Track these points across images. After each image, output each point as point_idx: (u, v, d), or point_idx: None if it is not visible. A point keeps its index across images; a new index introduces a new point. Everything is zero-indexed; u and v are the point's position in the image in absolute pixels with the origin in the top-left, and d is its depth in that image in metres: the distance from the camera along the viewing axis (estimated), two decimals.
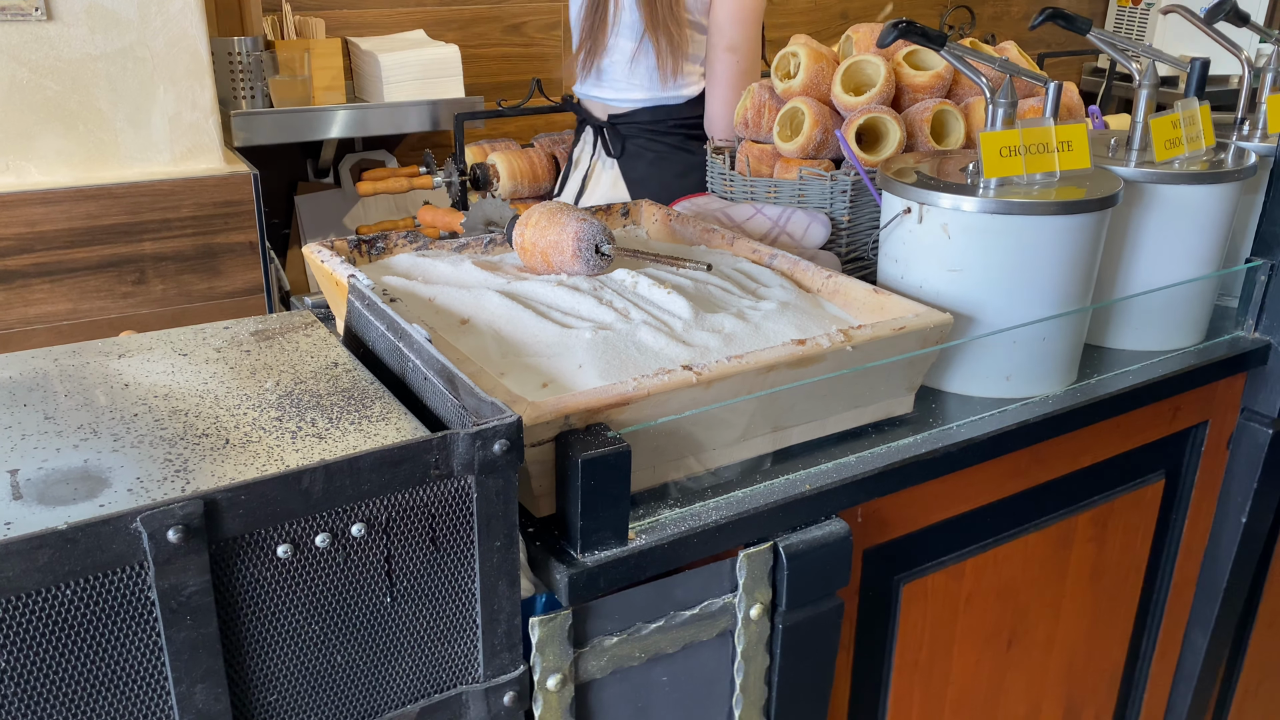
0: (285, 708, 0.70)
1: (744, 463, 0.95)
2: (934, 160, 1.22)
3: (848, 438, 1.00)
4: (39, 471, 0.71)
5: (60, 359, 0.91)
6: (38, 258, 1.71)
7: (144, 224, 1.78)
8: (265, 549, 0.66)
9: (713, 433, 0.90)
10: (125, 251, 1.78)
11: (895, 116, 1.35)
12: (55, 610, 0.60)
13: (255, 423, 0.79)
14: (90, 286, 1.77)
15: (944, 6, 3.46)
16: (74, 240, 1.73)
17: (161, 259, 1.81)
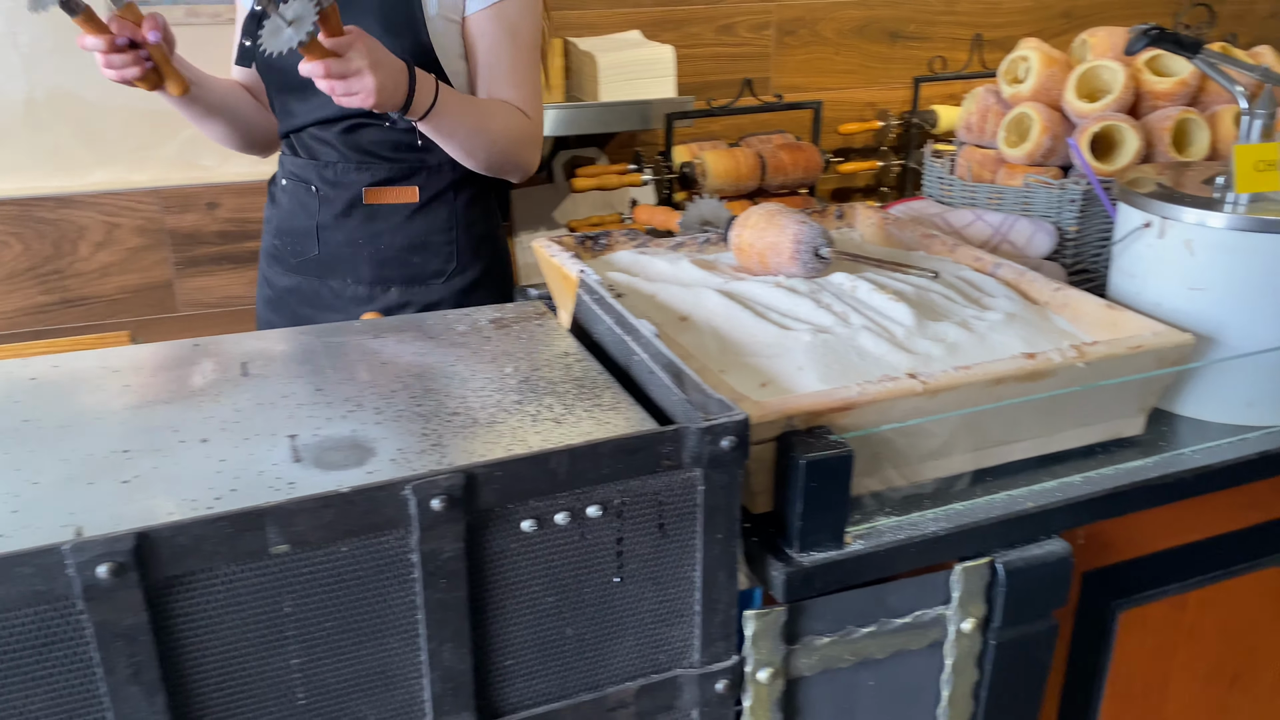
0: (520, 672, 0.75)
1: (963, 475, 0.94)
2: (1174, 172, 1.16)
3: (1072, 456, 0.97)
4: (314, 438, 0.79)
5: (324, 336, 1.00)
6: None
7: None
8: (512, 522, 0.71)
9: (932, 443, 0.90)
10: None
11: (1133, 124, 1.29)
12: (332, 564, 0.67)
13: (499, 405, 0.85)
14: None
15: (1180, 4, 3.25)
16: None
17: None
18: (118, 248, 1.76)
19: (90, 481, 0.72)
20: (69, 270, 1.75)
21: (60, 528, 0.66)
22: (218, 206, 1.79)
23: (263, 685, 0.67)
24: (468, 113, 1.36)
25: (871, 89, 2.95)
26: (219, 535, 0.62)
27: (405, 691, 0.71)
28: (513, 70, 1.42)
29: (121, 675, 0.62)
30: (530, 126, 1.46)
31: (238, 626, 0.65)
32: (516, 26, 1.41)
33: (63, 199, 1.71)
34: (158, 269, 1.79)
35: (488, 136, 1.38)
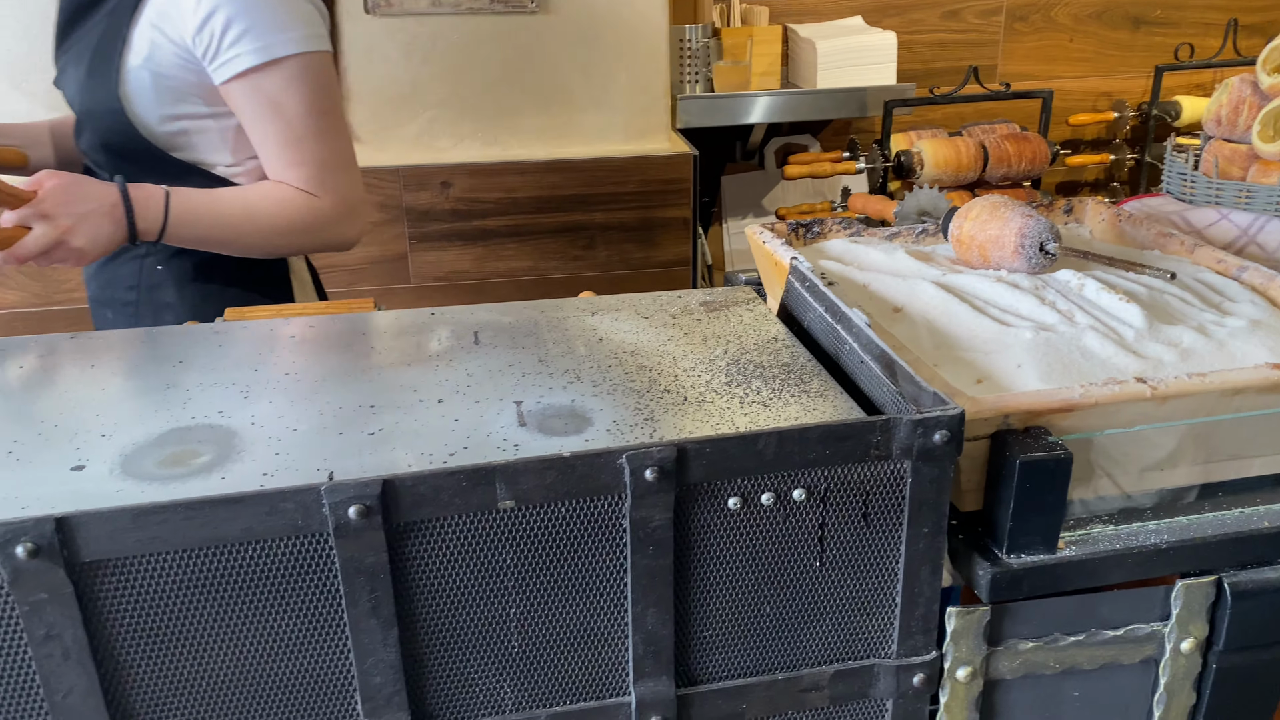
0: (717, 644, 0.77)
1: (1190, 488, 0.89)
2: None
3: None
4: (537, 405, 0.84)
5: (546, 311, 1.06)
6: (510, 220, 1.97)
7: (597, 196, 1.98)
8: (718, 499, 0.73)
9: (1158, 452, 0.86)
10: (579, 219, 2.00)
11: None
12: (551, 522, 0.71)
13: (708, 385, 0.87)
14: (548, 248, 2.01)
15: None
16: (540, 207, 1.97)
17: (608, 228, 2.01)
18: None
19: (340, 431, 0.80)
20: None
21: (315, 471, 0.74)
22: (451, 186, 1.91)
23: (482, 629, 0.73)
24: (217, 216, 1.23)
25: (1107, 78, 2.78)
26: (454, 487, 0.67)
27: (609, 650, 0.75)
28: (283, 148, 1.24)
29: (362, 608, 0.69)
30: (317, 207, 1.27)
31: (464, 573, 0.71)
32: (279, 99, 1.23)
33: None
34: (395, 242, 1.93)
35: (253, 233, 1.25)
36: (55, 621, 0.65)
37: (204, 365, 0.92)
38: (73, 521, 0.63)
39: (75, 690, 0.67)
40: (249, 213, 1.25)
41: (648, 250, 2.03)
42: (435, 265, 1.96)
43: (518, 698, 0.75)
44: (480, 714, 0.75)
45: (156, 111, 1.25)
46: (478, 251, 1.96)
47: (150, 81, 1.24)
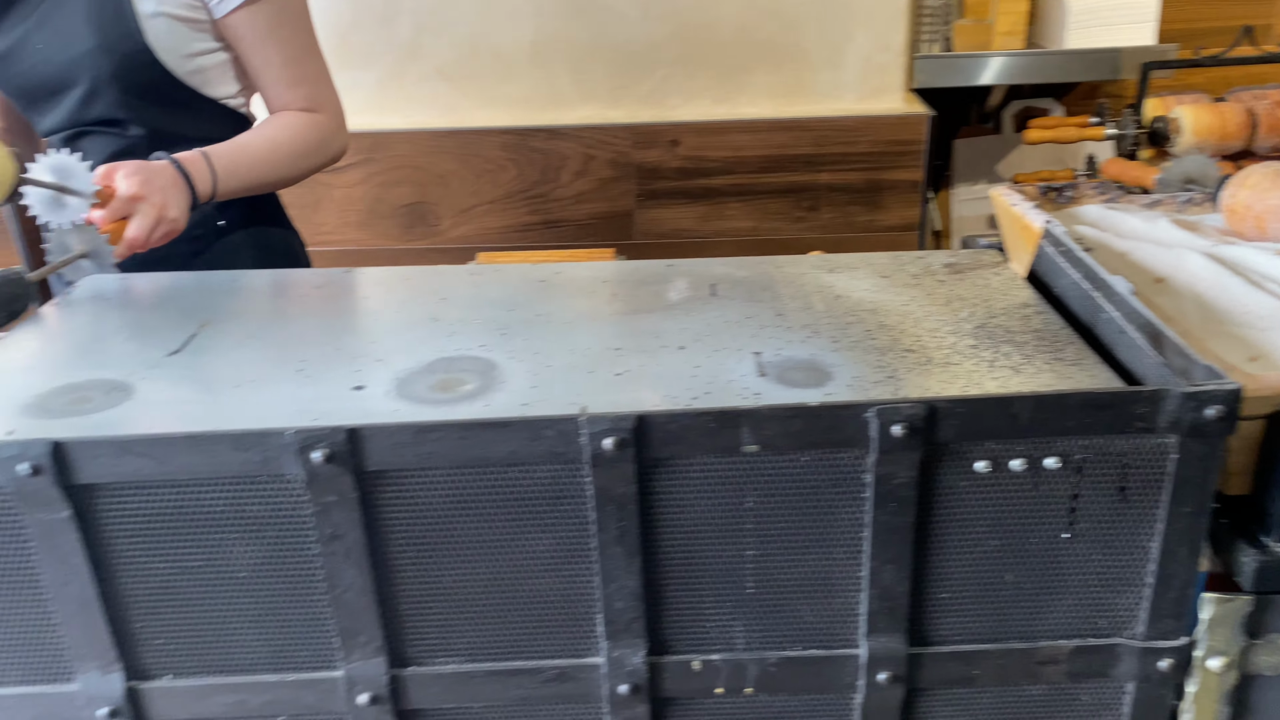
0: (953, 607, 0.76)
1: None
2: None
3: None
4: (776, 356, 0.85)
5: (783, 266, 1.06)
6: (735, 179, 1.98)
7: (824, 156, 1.96)
8: (966, 461, 0.72)
9: None
10: (804, 180, 1.98)
11: None
12: (793, 471, 0.72)
13: (954, 347, 0.85)
14: (771, 209, 2.01)
15: None
16: (765, 166, 1.97)
17: (833, 189, 1.98)
18: (592, 178, 1.97)
19: (590, 370, 0.83)
20: (551, 195, 1.99)
21: (568, 404, 0.78)
22: (679, 144, 1.93)
23: (718, 568, 0.75)
24: (251, 159, 1.33)
25: None
26: (702, 428, 0.69)
27: (842, 601, 0.76)
28: (284, 68, 1.37)
29: (610, 535, 0.72)
30: (321, 123, 1.40)
31: (705, 512, 0.73)
32: (276, 24, 1.35)
33: (552, 131, 1.94)
34: (622, 199, 1.98)
35: (283, 165, 1.36)
36: (340, 523, 0.71)
37: (463, 303, 0.98)
38: (363, 433, 0.69)
39: (353, 587, 0.74)
40: (274, 147, 1.37)
41: (873, 213, 1.99)
42: (659, 222, 1.99)
43: (749, 638, 0.77)
44: (712, 649, 0.77)
45: (178, 52, 1.35)
46: (701, 210, 1.98)
47: (166, 26, 1.32)
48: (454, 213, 2.00)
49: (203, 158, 1.29)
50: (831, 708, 0.79)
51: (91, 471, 0.69)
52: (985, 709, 0.80)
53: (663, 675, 0.77)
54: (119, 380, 0.83)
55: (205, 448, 0.69)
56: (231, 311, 0.98)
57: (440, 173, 1.97)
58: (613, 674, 0.76)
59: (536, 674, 0.77)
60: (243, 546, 0.72)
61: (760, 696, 0.78)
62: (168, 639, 0.76)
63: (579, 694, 0.77)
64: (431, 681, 0.77)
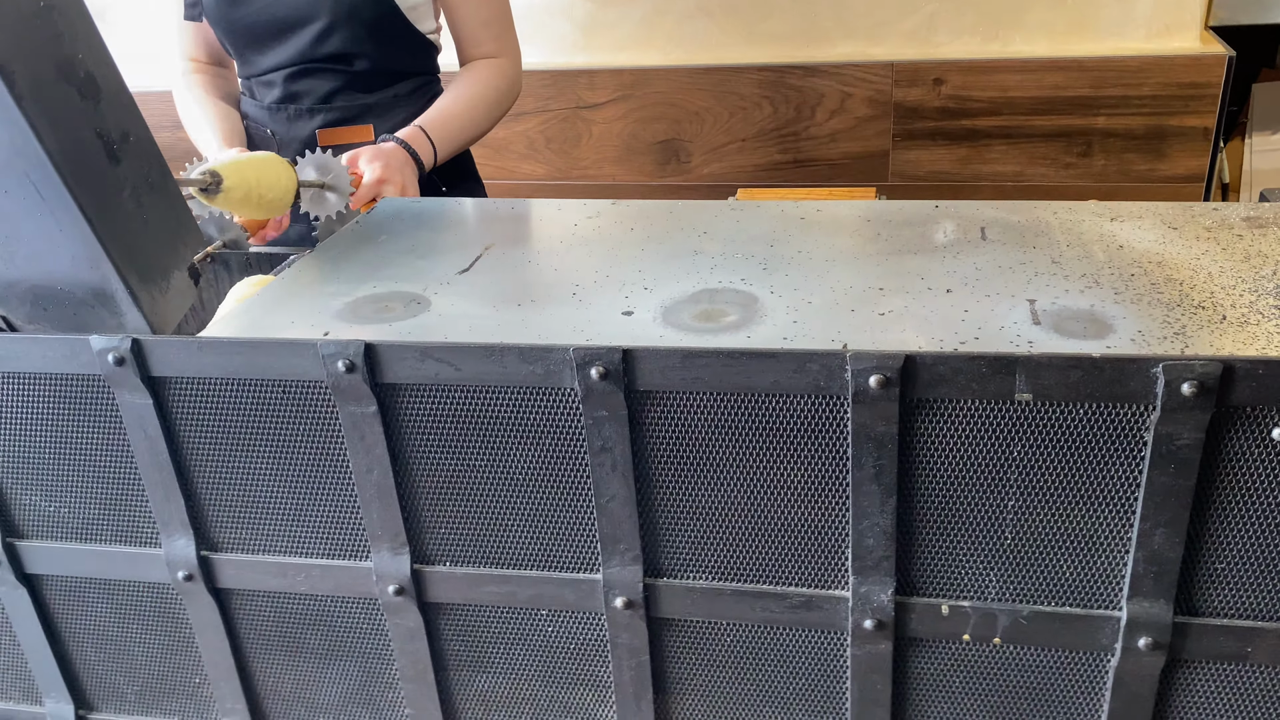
0: (1229, 579, 0.72)
1: None
2: None
3: None
4: (1052, 305, 0.82)
5: (1059, 212, 1.01)
6: (1001, 121, 1.89)
7: (1103, 99, 1.83)
8: (1261, 426, 0.67)
9: None
10: (1078, 124, 1.86)
11: None
12: (1066, 423, 0.70)
13: (1252, 305, 0.79)
14: (1038, 153, 1.90)
15: None
16: (1035, 108, 1.86)
17: (1110, 135, 1.85)
18: (847, 116, 1.93)
19: (852, 309, 0.83)
20: (804, 134, 1.97)
21: (830, 341, 0.79)
22: (943, 83, 1.86)
23: (978, 516, 0.74)
24: (461, 126, 1.43)
25: None
26: (973, 371, 0.68)
27: (1107, 562, 0.73)
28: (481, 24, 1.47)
29: (866, 472, 0.73)
30: (505, 69, 1.49)
31: (969, 457, 0.72)
32: None
33: (809, 68, 1.91)
34: (878, 139, 1.93)
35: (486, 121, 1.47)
36: (610, 437, 0.76)
37: (725, 237, 1.00)
38: (635, 354, 0.73)
39: (617, 498, 0.78)
40: (473, 105, 1.46)
41: (1153, 162, 1.84)
42: (915, 164, 1.93)
43: (1001, 588, 0.76)
44: (962, 595, 0.77)
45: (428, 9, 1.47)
46: (962, 152, 1.90)
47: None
48: (706, 150, 2.02)
49: (421, 132, 1.39)
50: (1084, 668, 0.77)
51: (396, 372, 0.77)
52: (1257, 690, 0.75)
53: (909, 615, 0.77)
54: (417, 293, 0.91)
55: (496, 358, 0.74)
56: (512, 237, 1.04)
57: (695, 110, 1.99)
58: (858, 608, 0.77)
59: (783, 599, 0.79)
60: (522, 451, 0.78)
61: (1009, 648, 0.77)
62: (450, 529, 0.84)
63: (823, 623, 0.79)
64: (683, 593, 0.81)
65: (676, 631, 0.83)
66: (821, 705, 0.83)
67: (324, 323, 0.87)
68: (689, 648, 0.84)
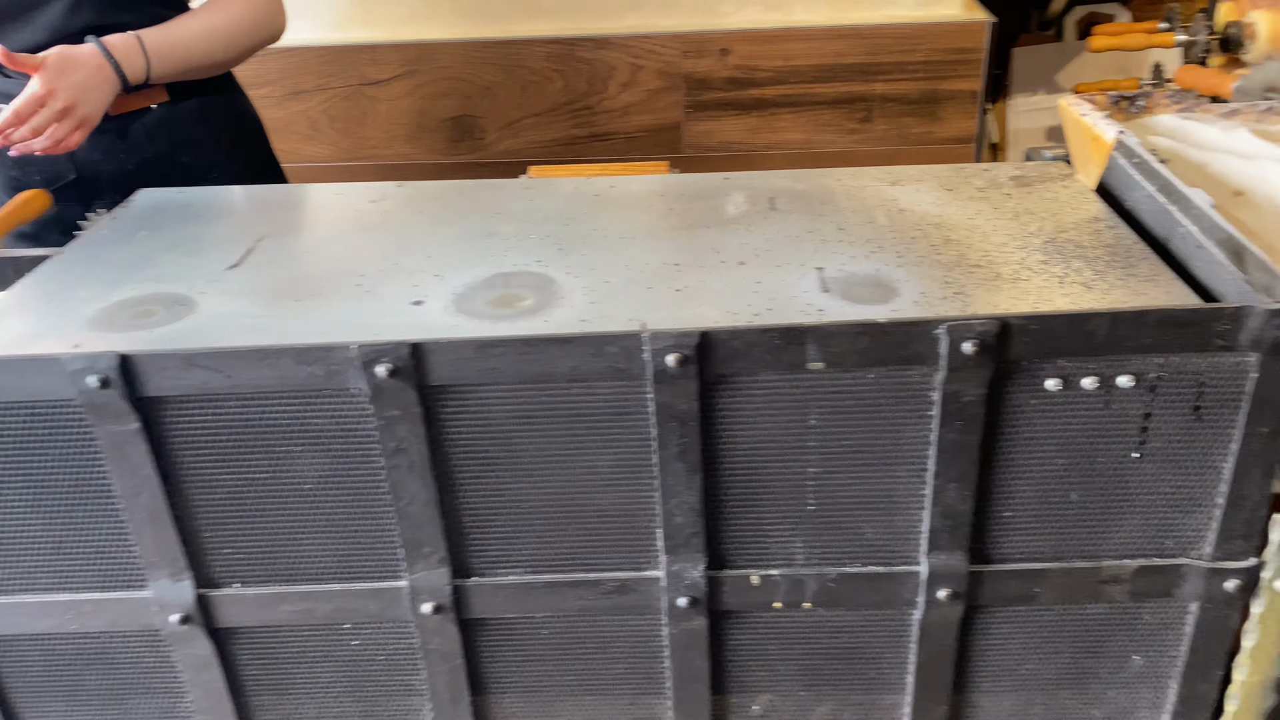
0: (1016, 525, 0.76)
1: None
2: None
3: None
4: (839, 272, 0.83)
5: (843, 179, 1.03)
6: (787, 90, 1.93)
7: (880, 65, 1.90)
8: (1036, 378, 0.71)
9: None
10: (859, 90, 1.92)
11: None
12: (859, 388, 0.71)
13: (1023, 262, 0.83)
14: (824, 120, 1.95)
15: None
16: (819, 76, 1.91)
17: (888, 100, 1.92)
18: (639, 89, 1.92)
19: (649, 286, 0.82)
20: (598, 107, 1.95)
21: (628, 320, 0.77)
22: (730, 53, 1.88)
23: (781, 485, 0.74)
24: (190, 45, 1.31)
25: None
26: (767, 344, 0.68)
27: (905, 519, 0.75)
28: None
29: (671, 450, 0.72)
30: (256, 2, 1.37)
31: (768, 429, 0.72)
32: None
33: (599, 40, 1.89)
34: (670, 111, 1.93)
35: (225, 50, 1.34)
36: (405, 437, 0.72)
37: (519, 217, 0.96)
38: (426, 348, 0.69)
39: (417, 500, 0.74)
40: (210, 28, 1.35)
41: (929, 125, 1.93)
42: (708, 135, 1.95)
43: (809, 554, 0.77)
44: (771, 564, 0.77)
45: None
46: (752, 122, 1.94)
47: None
48: (500, 125, 1.96)
49: (135, 40, 1.27)
50: (891, 624, 0.80)
51: (159, 384, 0.70)
52: (1046, 628, 0.80)
53: (721, 589, 0.77)
54: (181, 294, 0.83)
55: (270, 361, 0.69)
56: (288, 226, 0.97)
57: (485, 84, 1.93)
58: (671, 587, 0.77)
59: (597, 586, 0.78)
60: (308, 459, 0.73)
61: (819, 611, 0.79)
62: (236, 548, 0.77)
63: (638, 605, 0.78)
64: (494, 592, 0.78)
65: (491, 631, 0.80)
66: (642, 687, 0.82)
67: (74, 333, 0.78)
68: (505, 645, 0.81)
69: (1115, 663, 0.81)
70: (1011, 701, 0.84)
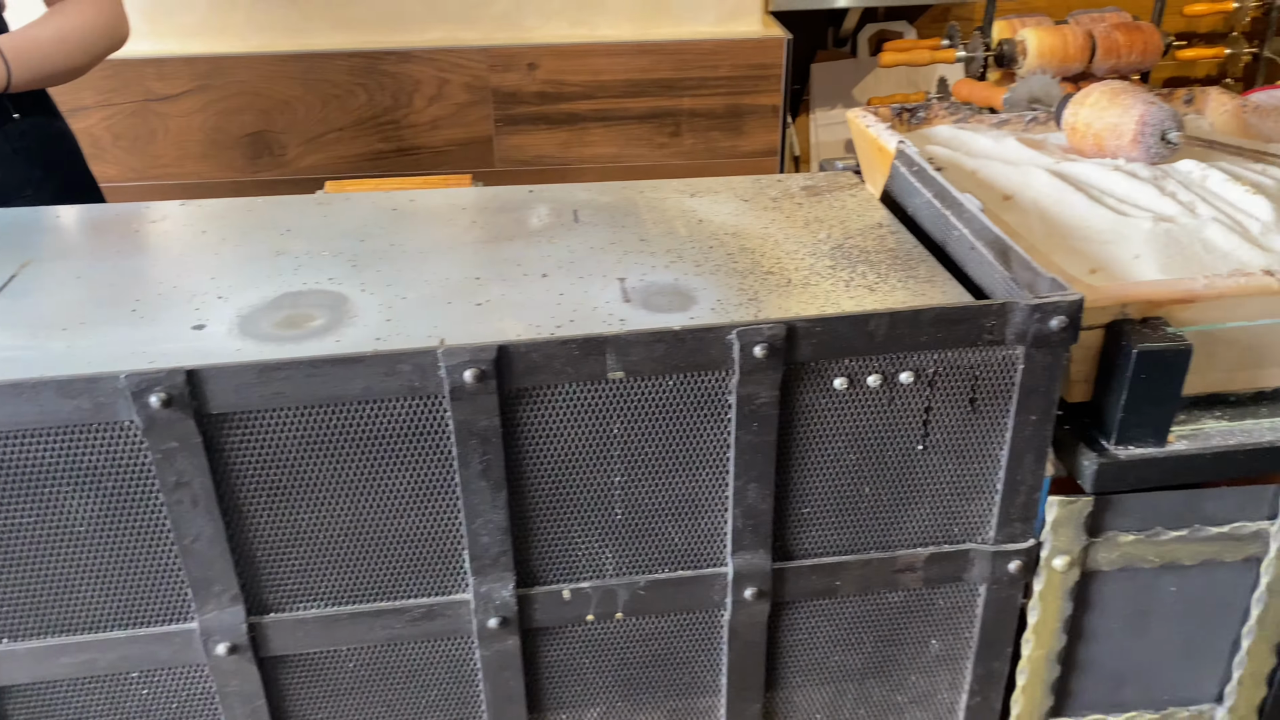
0: (815, 521, 0.78)
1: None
2: None
3: None
4: (640, 282, 0.84)
5: (645, 191, 1.04)
6: (596, 104, 1.94)
7: (686, 80, 1.94)
8: (825, 378, 0.73)
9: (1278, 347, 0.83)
10: (666, 105, 1.96)
11: None
12: (658, 395, 0.72)
13: (812, 268, 0.86)
14: (633, 134, 1.98)
15: None
16: (626, 91, 1.94)
17: (695, 114, 1.97)
18: (447, 102, 1.89)
19: (449, 301, 0.81)
20: (405, 121, 1.91)
21: (426, 337, 0.75)
22: (537, 67, 1.88)
23: (587, 496, 0.74)
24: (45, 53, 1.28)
25: None
26: (567, 355, 0.68)
27: (709, 522, 0.77)
28: None
29: (473, 469, 0.71)
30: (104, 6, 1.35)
31: (572, 440, 0.72)
32: None
33: (403, 53, 1.85)
34: (480, 124, 1.92)
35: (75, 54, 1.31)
36: (185, 470, 0.67)
37: (311, 234, 0.93)
38: (203, 374, 0.65)
39: (202, 536, 0.70)
40: (62, 35, 1.31)
41: (735, 139, 1.99)
42: (520, 149, 1.94)
43: (618, 563, 0.77)
44: (581, 577, 0.77)
45: None
46: (563, 136, 1.94)
47: None
48: (301, 141, 1.90)
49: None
50: (701, 627, 0.81)
51: None
52: (848, 618, 0.83)
53: (532, 606, 0.76)
54: None
55: (29, 395, 0.63)
56: (55, 249, 0.90)
57: (284, 99, 1.86)
58: (481, 608, 0.75)
59: (403, 613, 0.75)
60: (79, 499, 0.68)
61: (631, 620, 0.79)
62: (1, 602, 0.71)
63: (448, 630, 0.76)
64: (294, 627, 0.74)
65: (293, 668, 0.77)
66: (456, 713, 0.80)
67: None
68: (309, 682, 0.78)
69: (915, 648, 0.85)
70: (823, 694, 0.87)
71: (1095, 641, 0.88)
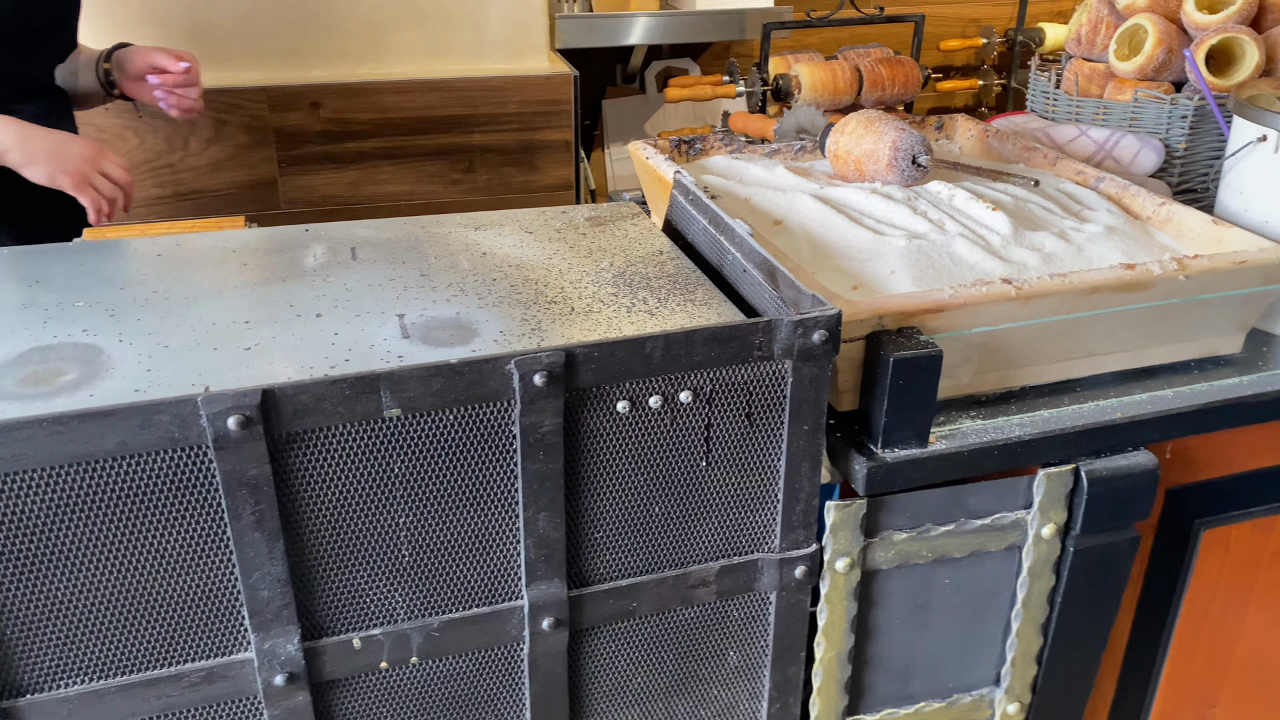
0: (608, 546, 0.79)
1: (1052, 384, 0.94)
2: None
3: (1166, 371, 0.97)
4: (421, 317, 0.83)
5: (427, 226, 1.04)
6: (386, 142, 1.92)
7: (476, 117, 1.94)
8: (608, 403, 0.74)
9: (1023, 351, 0.90)
10: (458, 141, 1.95)
11: (1255, 37, 1.24)
12: (439, 431, 0.71)
13: (595, 296, 0.87)
14: (426, 172, 1.96)
15: None
16: (416, 128, 1.92)
17: (488, 150, 1.97)
18: (226, 144, 1.82)
19: (215, 347, 0.77)
20: (181, 165, 1.82)
21: (190, 385, 0.71)
22: (321, 106, 1.83)
23: (372, 540, 0.72)
24: None
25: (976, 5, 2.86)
26: (338, 396, 0.66)
27: (502, 555, 0.76)
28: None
29: (246, 521, 0.68)
30: None
31: (351, 483, 0.70)
32: None
33: None
34: (264, 166, 1.85)
35: None
36: None
37: (64, 284, 0.87)
38: None
39: None
40: None
41: (529, 174, 2.00)
42: (307, 190, 1.89)
43: (410, 606, 0.75)
44: (372, 624, 0.75)
45: None
46: (352, 175, 1.90)
47: None
48: None
49: None
50: (501, 663, 0.80)
51: None
52: (647, 638, 0.84)
53: (321, 659, 0.73)
54: None
55: None
56: None
57: None
58: (265, 666, 0.72)
59: (179, 679, 0.71)
60: None
61: (428, 663, 0.77)
62: None
63: (231, 693, 0.72)
64: (54, 707, 0.68)
65: None
66: None
67: None
68: None
69: (714, 661, 0.87)
70: (630, 718, 0.87)
71: (882, 638, 0.92)
